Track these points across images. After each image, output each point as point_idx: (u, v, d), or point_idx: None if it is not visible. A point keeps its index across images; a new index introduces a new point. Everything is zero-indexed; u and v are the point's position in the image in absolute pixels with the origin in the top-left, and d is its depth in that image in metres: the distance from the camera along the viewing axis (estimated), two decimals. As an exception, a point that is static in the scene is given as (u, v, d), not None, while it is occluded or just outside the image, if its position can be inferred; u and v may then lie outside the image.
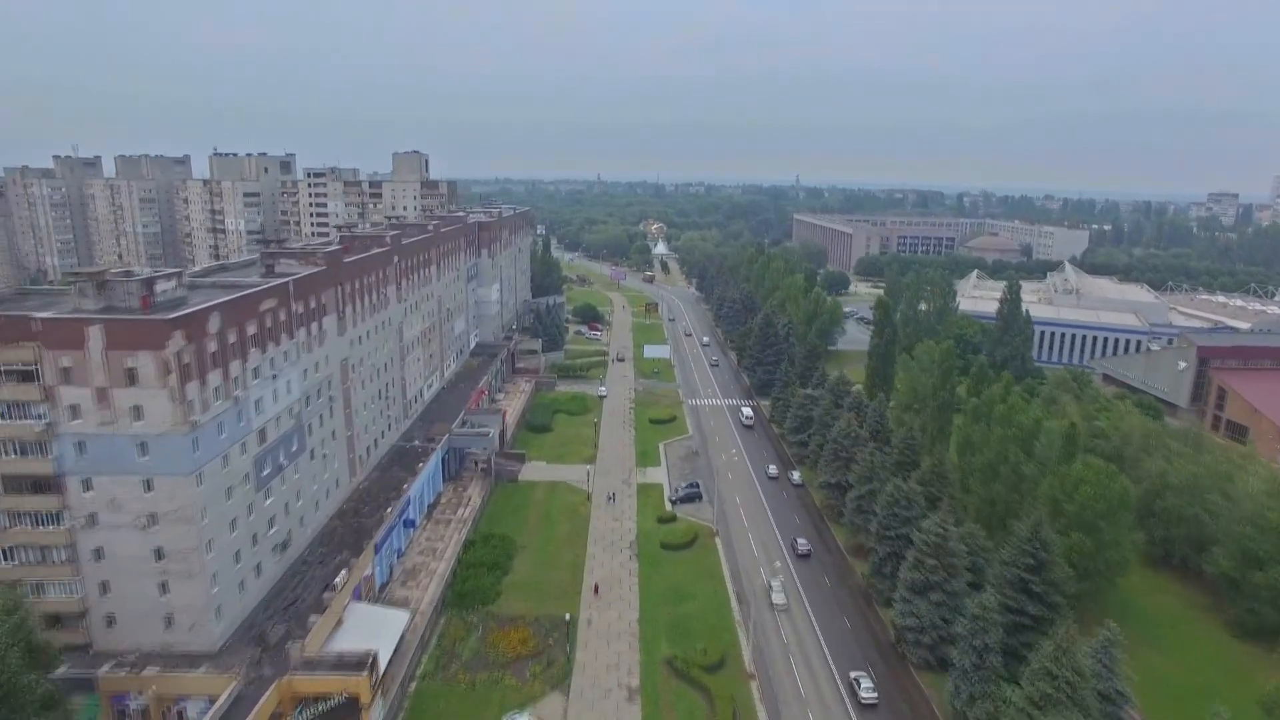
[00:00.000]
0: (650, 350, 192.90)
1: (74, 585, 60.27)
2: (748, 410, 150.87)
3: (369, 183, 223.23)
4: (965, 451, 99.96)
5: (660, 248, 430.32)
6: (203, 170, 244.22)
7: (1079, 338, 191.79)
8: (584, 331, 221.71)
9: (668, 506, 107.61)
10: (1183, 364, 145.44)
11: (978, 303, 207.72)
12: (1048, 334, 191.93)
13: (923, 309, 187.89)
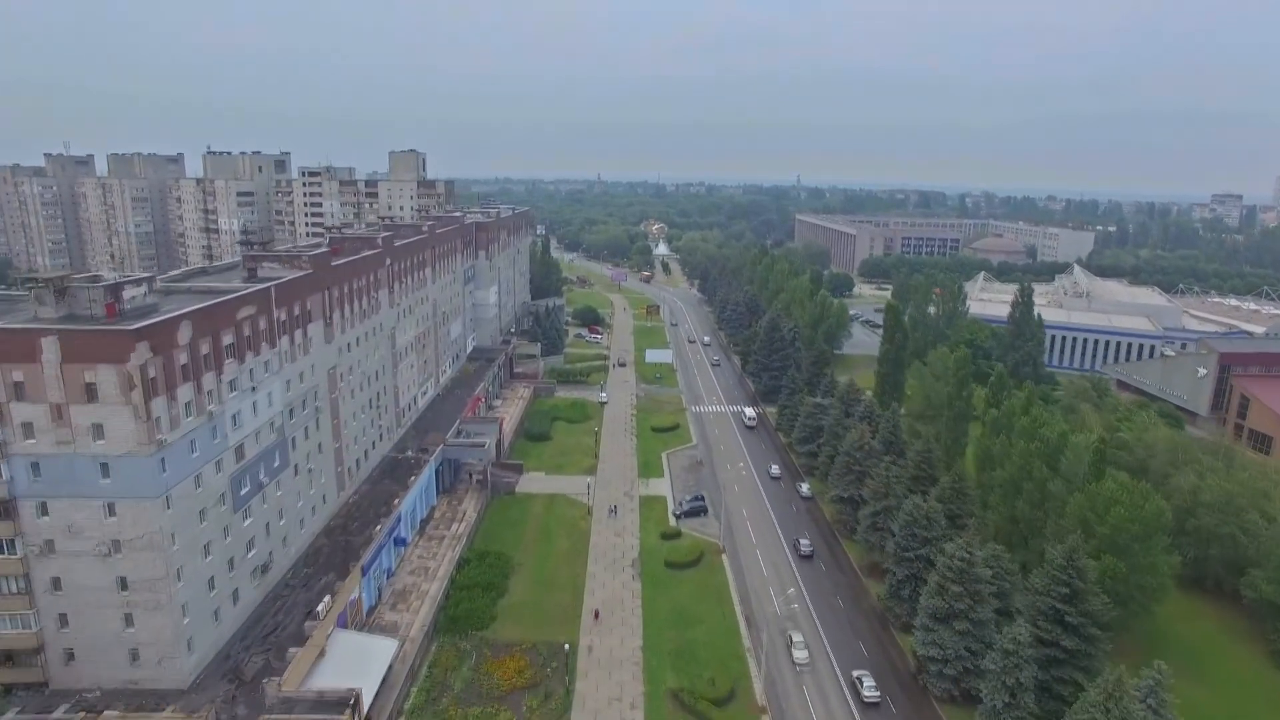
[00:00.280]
0: (652, 355, 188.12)
1: (29, 618, 55.69)
2: (750, 411, 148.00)
3: (365, 182, 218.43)
4: (984, 465, 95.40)
5: (661, 248, 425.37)
6: (197, 169, 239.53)
7: (1091, 342, 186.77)
8: (584, 335, 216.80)
9: (672, 521, 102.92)
10: (1203, 371, 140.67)
11: (986, 306, 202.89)
12: (1058, 338, 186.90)
13: (931, 312, 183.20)
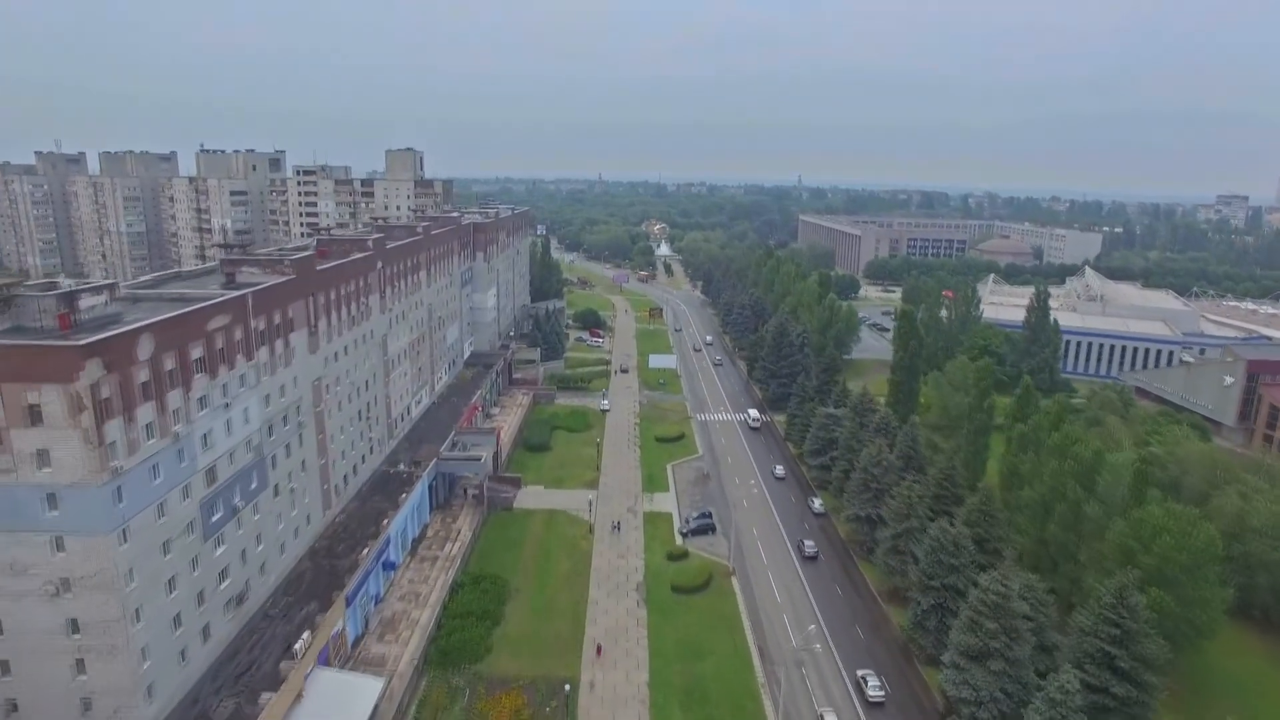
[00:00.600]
0: (656, 360, 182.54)
1: (-32, 666, 50.14)
2: (754, 412, 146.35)
3: (361, 181, 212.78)
4: (1010, 484, 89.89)
5: (663, 249, 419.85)
6: (190, 167, 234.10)
7: (1107, 348, 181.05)
8: (585, 338, 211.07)
9: (678, 540, 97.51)
10: (1229, 379, 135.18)
11: (998, 310, 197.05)
12: (1073, 344, 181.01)
13: (944, 316, 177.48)
